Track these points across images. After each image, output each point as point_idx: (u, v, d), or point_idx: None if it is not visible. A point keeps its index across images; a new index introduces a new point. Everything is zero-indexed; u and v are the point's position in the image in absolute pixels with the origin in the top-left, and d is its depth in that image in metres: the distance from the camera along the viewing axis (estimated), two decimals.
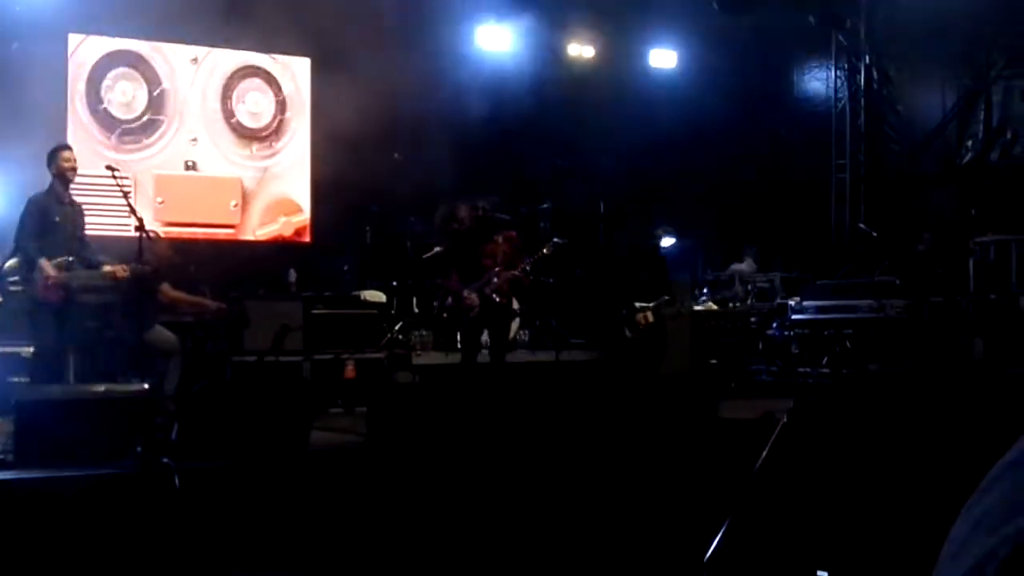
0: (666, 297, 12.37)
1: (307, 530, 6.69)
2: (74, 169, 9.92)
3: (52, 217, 9.77)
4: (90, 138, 13.45)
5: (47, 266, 9.56)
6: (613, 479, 7.49)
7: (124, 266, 9.98)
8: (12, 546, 5.97)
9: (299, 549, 6.60)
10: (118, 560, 6.13)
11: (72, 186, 10.14)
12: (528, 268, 11.63)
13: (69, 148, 10.09)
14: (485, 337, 11.18)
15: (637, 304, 12.27)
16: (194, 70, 14.26)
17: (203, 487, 6.65)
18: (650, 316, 12.20)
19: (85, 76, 13.60)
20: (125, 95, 13.84)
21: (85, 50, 13.64)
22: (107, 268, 9.94)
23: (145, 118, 13.94)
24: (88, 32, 13.60)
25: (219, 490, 6.68)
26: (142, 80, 13.93)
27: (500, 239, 11.14)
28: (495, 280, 10.94)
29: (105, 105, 13.70)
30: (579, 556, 6.50)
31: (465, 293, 10.84)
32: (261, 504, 6.72)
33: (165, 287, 11.17)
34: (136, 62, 13.91)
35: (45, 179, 10.35)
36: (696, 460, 7.99)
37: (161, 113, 14.02)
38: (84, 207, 10.29)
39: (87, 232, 10.29)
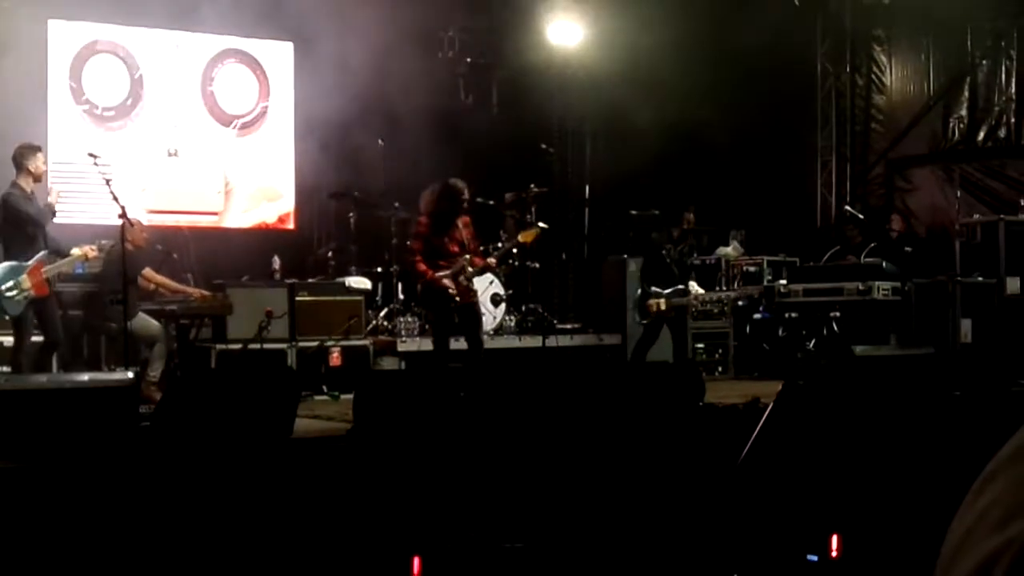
0: (681, 287, 12.17)
1: (291, 518, 6.65)
2: (44, 173, 10.09)
3: (30, 214, 9.89)
4: (71, 125, 13.37)
5: (25, 281, 9.73)
6: (598, 465, 7.46)
7: (92, 247, 10.03)
8: None
9: (283, 537, 6.57)
10: (98, 550, 6.09)
11: (54, 173, 10.15)
12: (500, 255, 11.60)
13: (42, 150, 10.26)
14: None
15: (652, 289, 12.08)
16: (176, 56, 14.17)
17: (186, 476, 6.60)
18: (663, 304, 11.99)
19: (66, 63, 13.50)
20: (106, 81, 13.75)
21: (66, 36, 13.54)
22: (75, 251, 9.99)
23: (126, 104, 13.85)
24: (69, 18, 13.51)
25: (202, 479, 6.64)
26: (123, 66, 13.84)
27: (460, 224, 10.93)
28: (469, 269, 10.79)
29: (86, 92, 13.61)
30: (565, 542, 6.47)
31: (445, 281, 10.68)
32: (245, 492, 6.68)
33: (148, 272, 11.13)
34: (117, 48, 13.81)
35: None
36: (681, 446, 7.96)
37: (143, 99, 13.93)
38: (65, 194, 10.31)
39: (65, 222, 10.37)
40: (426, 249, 10.74)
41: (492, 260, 11.16)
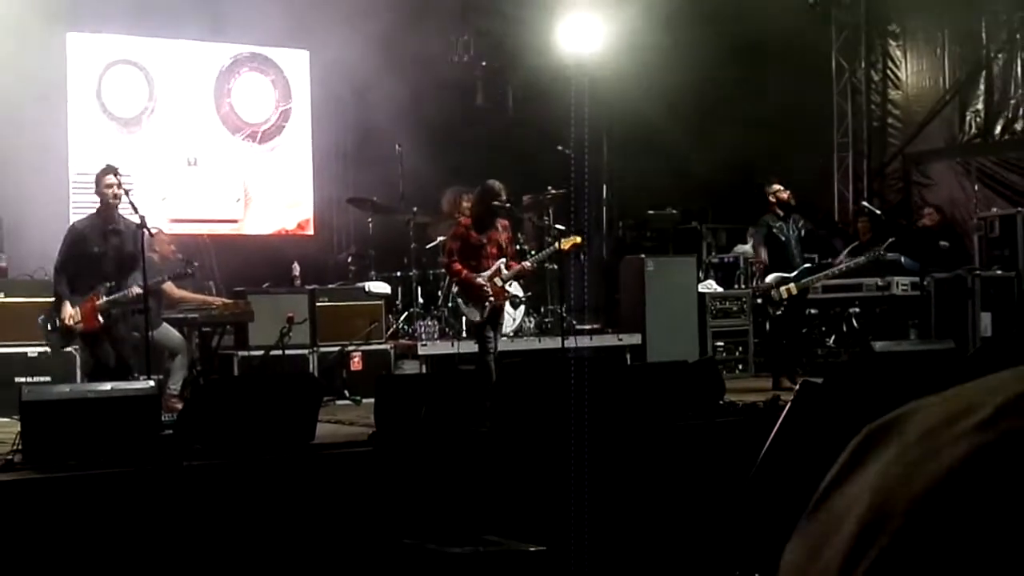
0: (807, 265, 11.77)
1: (314, 522, 6.70)
2: (117, 196, 9.60)
3: (89, 247, 9.58)
4: (90, 137, 13.45)
5: (66, 309, 9.46)
6: (619, 465, 7.49)
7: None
8: (20, 546, 5.98)
9: (305, 542, 6.61)
10: (124, 558, 6.14)
11: (75, 185, 10.15)
12: (538, 260, 11.66)
13: (113, 172, 9.70)
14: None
15: (776, 275, 11.60)
16: (193, 65, 14.24)
17: (210, 483, 6.66)
18: (793, 289, 11.54)
19: (85, 75, 13.59)
20: (125, 92, 13.83)
21: (84, 48, 13.63)
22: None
23: (145, 115, 13.94)
24: (87, 31, 13.59)
25: (226, 485, 6.69)
26: (141, 77, 13.92)
27: (500, 227, 10.99)
28: (505, 272, 10.84)
29: (105, 103, 13.69)
30: (587, 543, 6.50)
31: (480, 280, 10.69)
32: (268, 498, 6.72)
33: (168, 285, 11.16)
34: (135, 59, 13.90)
35: (45, 184, 10.29)
36: (701, 444, 7.98)
37: (161, 109, 14.01)
38: (88, 205, 10.27)
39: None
40: (463, 249, 10.74)
41: (528, 264, 11.20)
